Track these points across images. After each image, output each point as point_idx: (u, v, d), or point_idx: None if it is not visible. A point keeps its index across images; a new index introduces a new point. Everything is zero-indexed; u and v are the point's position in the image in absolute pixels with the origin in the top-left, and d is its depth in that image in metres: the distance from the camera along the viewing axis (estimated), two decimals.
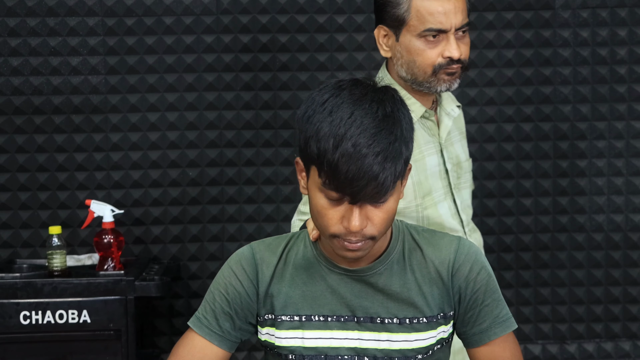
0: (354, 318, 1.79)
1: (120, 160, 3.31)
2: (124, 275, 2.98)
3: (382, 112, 1.63)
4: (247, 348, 3.36)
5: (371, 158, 1.59)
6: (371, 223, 1.66)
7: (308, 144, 1.64)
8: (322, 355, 1.80)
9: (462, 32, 2.19)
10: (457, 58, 2.18)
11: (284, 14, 3.28)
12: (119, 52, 3.26)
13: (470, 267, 1.80)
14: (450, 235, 1.86)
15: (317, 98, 1.67)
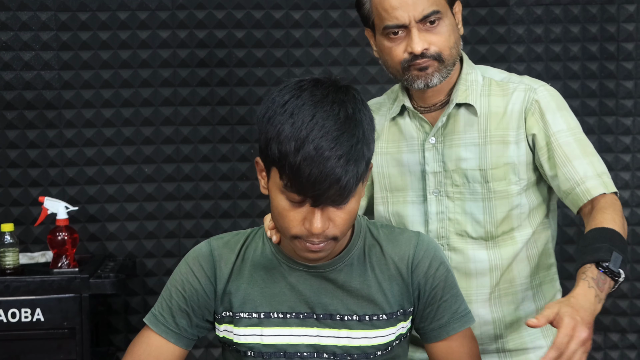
0: (313, 315, 1.79)
1: (74, 157, 3.27)
2: (79, 272, 2.95)
3: (344, 114, 1.62)
4: (204, 345, 3.35)
5: (334, 161, 1.59)
6: (333, 224, 1.66)
7: (269, 145, 1.63)
8: (281, 352, 1.80)
9: (430, 22, 2.00)
10: (419, 52, 2.00)
11: (240, 9, 3.26)
12: (72, 47, 3.23)
13: (429, 262, 1.82)
14: (409, 231, 1.87)
15: (277, 99, 1.66)
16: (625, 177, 3.40)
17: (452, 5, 2.05)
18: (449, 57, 2.02)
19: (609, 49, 3.37)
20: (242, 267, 1.82)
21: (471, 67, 2.13)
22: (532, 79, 2.12)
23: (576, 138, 2.04)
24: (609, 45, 3.37)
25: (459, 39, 2.06)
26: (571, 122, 2.06)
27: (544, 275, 2.16)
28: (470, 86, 2.10)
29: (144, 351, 1.83)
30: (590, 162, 2.02)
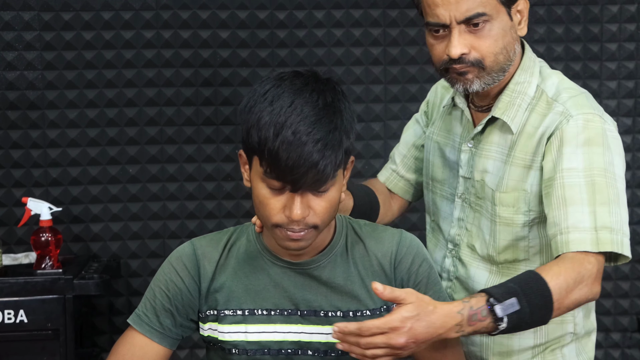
0: (297, 311, 1.79)
1: (58, 157, 3.26)
2: (62, 273, 2.94)
3: (323, 102, 1.64)
4: (189, 346, 3.34)
5: (311, 145, 1.60)
6: (313, 212, 1.67)
7: (249, 133, 1.65)
8: (266, 349, 1.80)
9: (474, 25, 1.83)
10: (456, 57, 1.85)
11: (224, 9, 3.26)
12: (56, 47, 3.22)
13: (412, 259, 1.82)
14: (392, 228, 1.88)
15: (258, 89, 1.69)
16: None
17: (509, 4, 1.87)
18: (492, 65, 1.87)
19: (592, 49, 3.38)
20: (227, 263, 1.82)
21: (528, 73, 1.95)
22: (580, 103, 1.88)
23: (589, 181, 1.79)
24: (592, 45, 3.38)
25: (511, 43, 1.89)
26: (594, 163, 1.80)
27: None
28: (515, 98, 1.93)
29: (128, 351, 1.83)
30: (592, 211, 1.77)
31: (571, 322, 1.98)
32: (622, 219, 1.79)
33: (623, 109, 3.41)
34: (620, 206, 1.79)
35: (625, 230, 1.79)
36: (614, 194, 1.79)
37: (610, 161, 1.81)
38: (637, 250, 3.44)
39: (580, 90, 1.93)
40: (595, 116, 1.84)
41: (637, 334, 3.47)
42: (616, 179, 1.80)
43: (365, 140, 3.36)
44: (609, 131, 1.84)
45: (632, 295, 3.46)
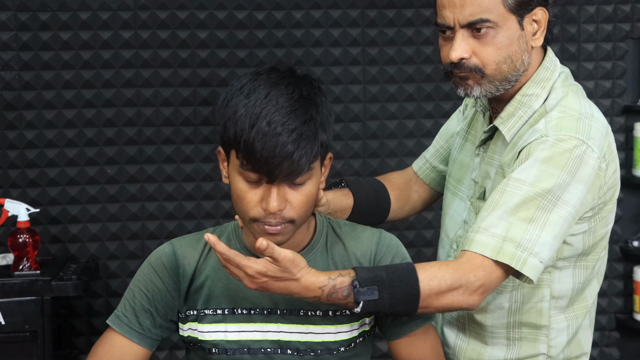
0: (277, 311, 1.79)
1: (35, 158, 3.24)
2: (40, 275, 2.92)
3: (298, 94, 1.66)
4: (169, 347, 3.34)
5: (285, 136, 1.61)
6: (290, 205, 1.68)
7: (226, 127, 1.67)
8: (245, 348, 1.80)
9: (477, 30, 1.80)
10: (455, 61, 1.82)
11: (202, 10, 3.25)
12: (33, 48, 3.20)
13: (391, 259, 1.83)
14: (371, 228, 1.89)
15: (235, 84, 1.71)
16: None
17: (522, 13, 1.82)
18: (494, 73, 1.83)
19: (569, 49, 3.41)
20: (206, 263, 1.82)
21: (539, 86, 1.89)
22: (564, 125, 1.80)
23: (525, 195, 1.75)
24: (569, 45, 3.41)
25: (518, 53, 1.83)
26: (542, 182, 1.75)
27: (527, 332, 1.94)
28: (518, 109, 1.89)
29: (107, 352, 1.82)
30: (509, 222, 1.74)
31: (544, 343, 1.94)
32: (540, 242, 1.73)
33: (600, 108, 3.39)
34: (545, 230, 1.74)
35: (537, 252, 1.73)
36: (543, 216, 1.74)
37: (563, 186, 1.75)
38: (614, 249, 3.47)
39: (582, 111, 1.84)
40: (573, 139, 1.77)
41: (615, 333, 3.49)
42: (558, 205, 1.75)
43: (344, 140, 3.36)
44: (585, 159, 1.77)
45: (610, 294, 3.48)
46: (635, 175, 3.40)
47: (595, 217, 1.88)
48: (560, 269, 1.91)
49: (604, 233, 1.93)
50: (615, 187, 1.90)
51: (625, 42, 3.43)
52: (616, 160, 1.89)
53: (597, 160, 1.79)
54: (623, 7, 3.40)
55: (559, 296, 1.92)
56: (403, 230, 3.36)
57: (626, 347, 3.50)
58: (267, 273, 1.64)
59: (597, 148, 1.80)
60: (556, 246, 1.78)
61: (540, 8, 1.84)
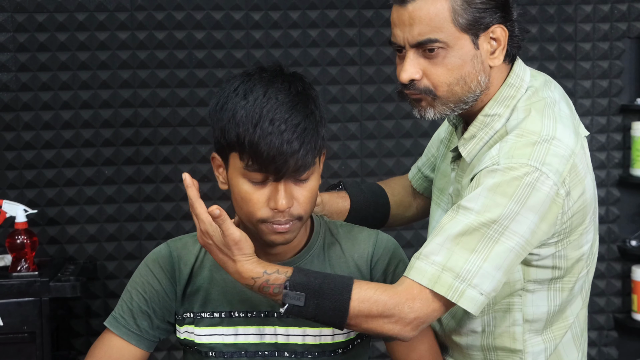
0: (274, 313, 1.79)
1: (32, 159, 3.24)
2: (38, 276, 2.92)
3: (295, 89, 1.66)
4: (167, 347, 3.33)
5: (290, 132, 1.61)
6: (297, 202, 1.67)
7: (225, 130, 1.65)
8: (242, 351, 1.80)
9: (429, 50, 1.72)
10: (405, 82, 1.76)
11: (199, 10, 3.25)
12: (29, 49, 3.20)
13: (388, 260, 1.82)
14: (368, 229, 1.88)
15: (227, 87, 1.69)
16: None
17: (477, 32, 1.73)
18: (447, 95, 1.76)
19: (566, 48, 3.41)
20: (202, 267, 1.82)
21: (502, 106, 1.80)
22: (517, 152, 1.71)
23: (469, 224, 1.68)
24: (566, 45, 3.41)
25: (473, 74, 1.75)
26: (488, 211, 1.67)
27: (503, 355, 1.88)
28: (480, 130, 1.82)
29: (104, 354, 1.82)
30: (450, 250, 1.68)
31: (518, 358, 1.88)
32: (481, 273, 1.66)
33: (597, 108, 3.43)
34: (487, 261, 1.66)
35: (476, 283, 1.66)
36: (487, 247, 1.67)
37: (511, 216, 1.67)
38: (612, 249, 3.47)
39: (543, 133, 1.72)
40: (524, 167, 1.68)
41: (613, 332, 3.49)
42: (505, 235, 1.67)
43: (341, 140, 3.36)
44: (537, 187, 1.68)
45: (608, 294, 3.49)
46: (632, 174, 3.40)
47: (563, 242, 1.78)
48: (533, 292, 1.83)
49: (579, 255, 1.83)
50: (585, 210, 1.78)
51: (622, 41, 3.42)
52: (584, 182, 1.76)
53: (553, 187, 1.69)
54: (620, 6, 3.40)
55: (533, 320, 1.84)
56: (401, 230, 3.36)
57: (624, 347, 3.50)
58: (212, 238, 1.66)
59: (554, 174, 1.69)
60: (500, 278, 1.69)
61: (498, 26, 1.75)
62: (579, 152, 1.75)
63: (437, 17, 1.70)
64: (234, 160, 1.67)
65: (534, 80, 1.84)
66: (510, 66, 1.83)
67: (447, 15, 1.71)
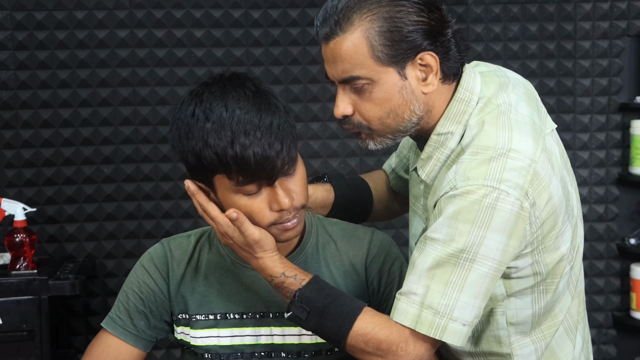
0: (269, 314, 1.79)
1: (31, 157, 3.24)
2: (37, 274, 2.92)
3: (250, 91, 1.63)
4: (166, 346, 3.34)
5: (268, 136, 1.60)
6: (295, 194, 1.67)
7: (202, 156, 1.62)
8: (238, 352, 1.80)
9: (355, 86, 1.70)
10: (338, 117, 1.74)
11: (198, 8, 3.25)
12: (28, 47, 3.20)
13: (384, 258, 1.83)
14: (363, 227, 1.88)
15: (182, 115, 1.65)
16: (584, 174, 3.44)
17: (402, 63, 1.69)
18: (381, 128, 1.73)
19: (566, 47, 3.40)
20: (197, 269, 1.82)
21: (453, 122, 1.76)
22: (472, 174, 1.66)
23: (438, 257, 1.65)
24: (566, 43, 3.40)
25: (403, 105, 1.71)
26: (454, 241, 1.65)
27: (492, 359, 1.87)
28: (435, 150, 1.78)
29: (102, 352, 1.83)
30: (427, 286, 1.65)
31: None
32: (460, 305, 1.65)
33: (597, 106, 3.43)
34: (464, 292, 1.65)
35: (456, 316, 1.65)
36: (461, 277, 1.64)
37: (478, 242, 1.64)
38: (611, 247, 3.47)
39: (498, 146, 1.68)
40: (481, 188, 1.64)
41: (612, 331, 3.49)
42: (477, 262, 1.64)
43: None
44: (498, 206, 1.64)
45: (607, 292, 3.48)
46: (632, 172, 3.39)
47: (538, 249, 1.74)
48: (516, 296, 1.80)
49: (558, 257, 1.78)
50: (555, 214, 1.73)
51: (621, 40, 3.42)
52: (549, 188, 1.70)
53: (516, 202, 1.65)
54: (619, 5, 3.39)
55: (518, 323, 1.82)
56: (399, 228, 3.36)
57: (623, 345, 3.50)
58: (233, 239, 1.69)
59: (514, 189, 1.64)
60: (480, 304, 1.67)
61: (426, 53, 1.69)
62: (539, 158, 1.70)
63: (356, 54, 1.67)
64: (221, 182, 1.65)
65: (486, 88, 1.78)
66: (457, 81, 1.78)
67: (366, 52, 1.67)
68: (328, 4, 1.72)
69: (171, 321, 1.85)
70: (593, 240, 3.46)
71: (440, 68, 1.72)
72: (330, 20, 1.69)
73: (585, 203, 3.43)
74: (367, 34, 1.67)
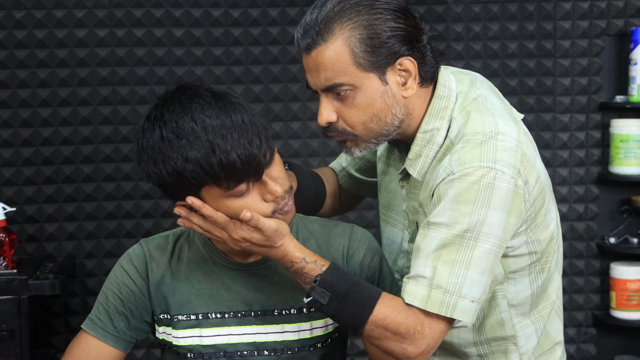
0: (251, 312, 1.80)
1: (11, 157, 3.23)
2: (17, 274, 2.92)
3: (208, 97, 1.64)
4: (146, 345, 3.33)
5: (244, 133, 1.61)
6: (280, 179, 1.69)
7: (184, 174, 1.62)
8: (221, 352, 1.80)
9: (338, 93, 1.76)
10: (323, 125, 1.79)
11: (178, 8, 3.25)
12: (7, 46, 3.18)
13: (364, 252, 1.84)
14: (343, 223, 1.89)
15: (149, 142, 1.64)
16: (563, 173, 3.46)
17: (382, 68, 1.75)
18: (365, 133, 1.79)
19: (546, 46, 3.42)
20: (178, 270, 1.81)
21: (437, 118, 1.82)
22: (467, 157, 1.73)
23: (443, 238, 1.70)
24: (546, 42, 3.42)
25: (385, 109, 1.77)
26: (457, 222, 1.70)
27: (496, 345, 1.91)
28: (424, 148, 1.83)
29: (83, 351, 1.82)
30: (434, 267, 1.69)
31: (515, 352, 1.92)
32: (468, 282, 1.69)
33: (576, 105, 3.45)
34: (470, 269, 1.69)
35: (465, 293, 1.69)
36: (466, 256, 1.69)
37: (480, 220, 1.70)
38: (591, 246, 3.49)
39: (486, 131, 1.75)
40: (478, 170, 1.70)
41: (592, 329, 3.51)
42: (480, 240, 1.70)
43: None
44: (496, 185, 1.70)
45: (587, 291, 3.50)
46: (611, 172, 3.41)
47: (531, 227, 1.82)
48: (515, 278, 1.86)
49: (549, 234, 1.87)
50: (543, 192, 1.82)
51: (601, 39, 3.44)
52: (535, 166, 1.79)
53: (511, 180, 1.71)
54: (599, 4, 3.41)
55: (518, 304, 1.88)
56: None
57: (603, 344, 3.52)
58: (251, 240, 1.67)
59: (508, 168, 1.72)
60: (486, 281, 1.72)
61: (405, 58, 1.75)
62: (523, 139, 1.78)
63: (338, 62, 1.73)
64: (210, 192, 1.65)
65: (461, 84, 1.86)
66: (434, 82, 1.84)
67: (348, 59, 1.73)
68: (307, 18, 1.76)
69: (152, 321, 1.84)
70: (573, 239, 3.48)
71: (418, 72, 1.78)
72: (311, 31, 1.74)
73: (565, 202, 3.45)
74: (348, 42, 1.73)
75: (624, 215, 3.49)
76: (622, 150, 3.37)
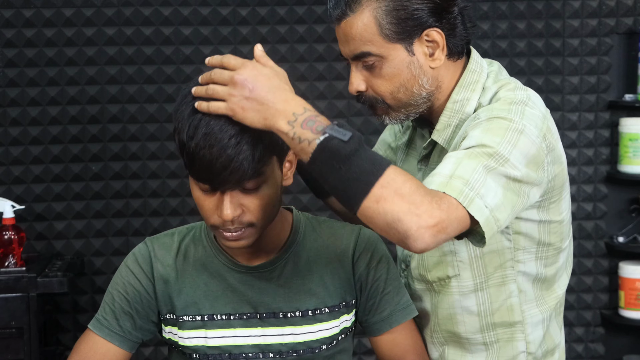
0: (256, 315, 1.79)
1: (20, 155, 3.24)
2: (26, 272, 2.92)
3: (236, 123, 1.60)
4: (154, 343, 3.34)
5: (225, 142, 1.57)
6: (247, 210, 1.65)
7: (174, 137, 1.64)
8: (226, 353, 1.80)
9: (367, 63, 1.78)
10: (353, 93, 1.82)
11: (186, 6, 3.25)
12: (17, 45, 3.19)
13: (370, 255, 1.83)
14: (350, 224, 1.88)
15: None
16: (572, 172, 3.44)
17: (410, 39, 1.76)
18: (394, 102, 1.81)
19: (554, 44, 3.41)
20: (184, 269, 1.81)
21: (468, 90, 1.83)
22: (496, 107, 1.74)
23: (474, 151, 1.64)
24: (554, 41, 3.41)
25: (412, 80, 1.78)
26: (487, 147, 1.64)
27: (502, 332, 1.89)
28: (453, 118, 1.83)
29: (89, 349, 1.82)
30: (457, 162, 1.62)
31: (522, 340, 1.89)
32: (487, 185, 1.60)
33: (585, 104, 3.44)
34: (491, 177, 1.60)
35: (483, 194, 1.58)
36: (488, 167, 1.61)
37: (507, 151, 1.64)
38: (599, 245, 3.48)
39: (517, 99, 1.75)
40: (507, 119, 1.69)
41: (600, 329, 3.50)
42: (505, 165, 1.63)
43: None
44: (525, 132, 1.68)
45: (595, 290, 3.49)
46: (620, 170, 3.40)
47: (546, 201, 1.79)
48: (523, 262, 1.84)
49: (560, 222, 1.84)
50: (563, 174, 1.81)
51: (610, 37, 3.43)
52: (557, 146, 1.78)
53: (538, 137, 1.70)
54: (608, 2, 3.40)
55: (527, 290, 1.87)
56: None
57: (611, 343, 3.51)
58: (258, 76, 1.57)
59: (535, 127, 1.70)
60: (501, 198, 1.62)
61: (432, 29, 1.76)
62: (549, 119, 1.79)
63: (365, 32, 1.76)
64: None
65: (491, 66, 1.89)
66: (466, 58, 1.87)
67: (375, 30, 1.75)
68: None
69: (158, 321, 1.84)
70: (581, 238, 3.47)
71: (446, 44, 1.80)
72: (340, 2, 1.78)
73: (574, 201, 3.44)
74: (375, 13, 1.75)
75: (632, 214, 3.48)
76: (631, 149, 3.36)
